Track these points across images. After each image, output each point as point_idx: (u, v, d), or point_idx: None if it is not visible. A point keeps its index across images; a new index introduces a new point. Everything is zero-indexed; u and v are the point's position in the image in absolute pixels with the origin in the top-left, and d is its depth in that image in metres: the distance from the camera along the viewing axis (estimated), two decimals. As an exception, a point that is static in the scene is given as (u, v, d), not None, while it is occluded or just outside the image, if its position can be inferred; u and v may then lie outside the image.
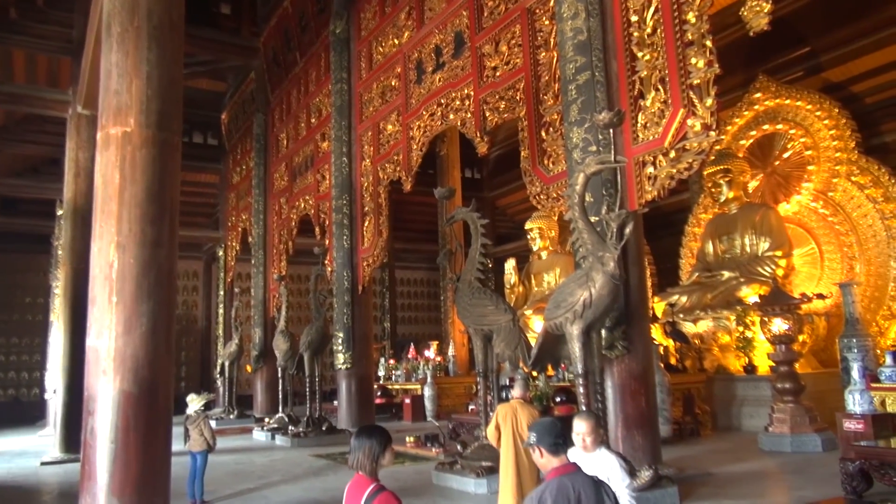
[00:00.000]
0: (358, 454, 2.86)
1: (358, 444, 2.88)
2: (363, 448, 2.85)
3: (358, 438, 2.91)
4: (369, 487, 2.77)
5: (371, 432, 2.94)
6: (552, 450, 2.64)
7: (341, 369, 12.77)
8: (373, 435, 2.90)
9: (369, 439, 2.88)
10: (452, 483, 7.42)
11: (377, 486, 2.79)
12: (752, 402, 10.96)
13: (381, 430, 2.96)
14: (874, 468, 5.64)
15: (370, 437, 2.89)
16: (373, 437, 2.89)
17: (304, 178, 15.80)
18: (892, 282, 11.82)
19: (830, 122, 12.86)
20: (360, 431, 2.99)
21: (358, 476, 2.87)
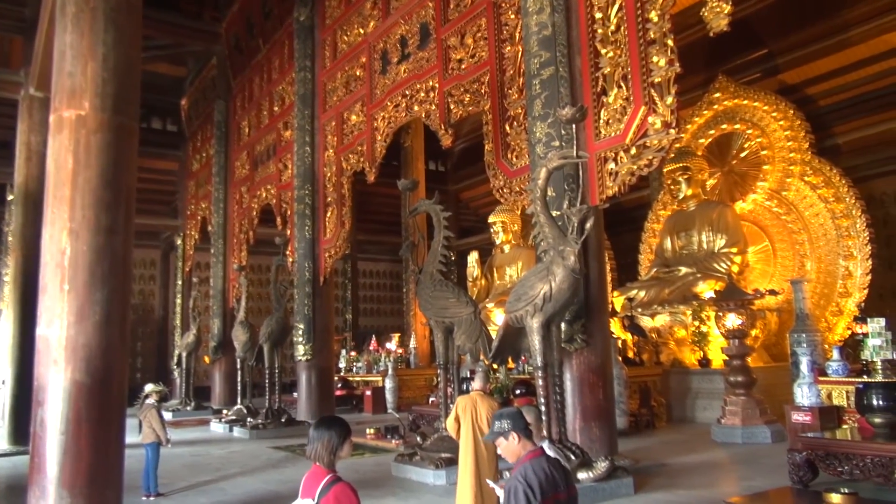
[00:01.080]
0: (316, 445, 2.84)
1: (317, 436, 2.86)
2: (322, 439, 2.84)
3: (317, 429, 2.89)
4: (325, 478, 2.76)
5: (330, 424, 2.92)
6: (526, 434, 2.80)
7: (301, 361, 12.68)
8: (332, 427, 2.89)
9: (328, 431, 2.86)
10: (411, 474, 7.43)
11: (333, 476, 2.78)
12: (705, 394, 11.23)
13: (340, 422, 2.94)
14: (820, 459, 5.84)
15: (329, 428, 2.88)
16: (332, 429, 2.87)
17: (266, 166, 15.59)
18: (840, 279, 12.22)
19: (786, 123, 13.19)
20: (320, 423, 2.97)
21: (315, 467, 2.85)
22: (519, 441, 2.78)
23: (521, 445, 2.78)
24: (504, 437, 2.80)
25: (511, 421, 2.81)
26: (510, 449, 2.80)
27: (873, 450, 5.48)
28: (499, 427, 2.82)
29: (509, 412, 2.89)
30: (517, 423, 2.80)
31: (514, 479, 2.65)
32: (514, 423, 2.80)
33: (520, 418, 2.83)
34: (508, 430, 2.79)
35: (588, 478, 6.03)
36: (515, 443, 2.78)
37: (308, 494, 2.78)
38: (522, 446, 2.78)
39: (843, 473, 5.64)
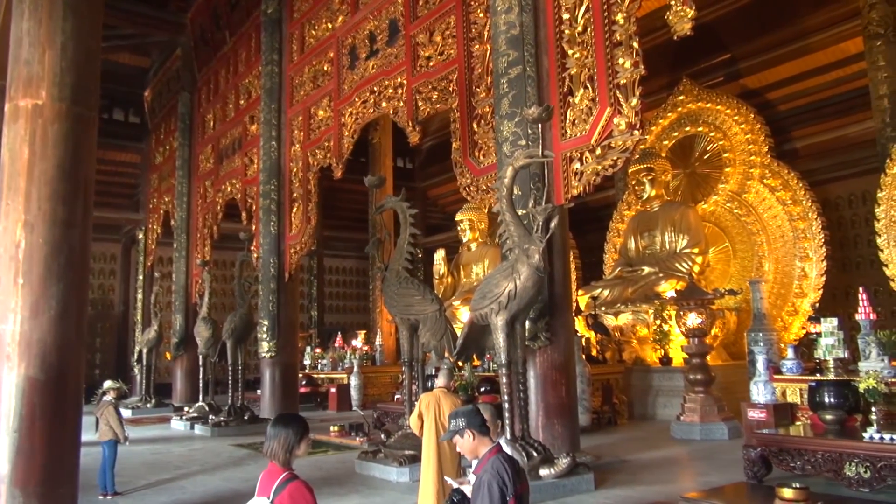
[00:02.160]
0: (273, 443, 2.82)
1: (274, 433, 2.84)
2: (279, 437, 2.82)
3: (274, 427, 2.87)
4: (281, 476, 2.74)
5: (288, 422, 2.90)
6: (482, 431, 2.86)
7: (265, 357, 12.55)
8: (289, 424, 2.87)
9: (285, 429, 2.84)
10: (375, 472, 7.43)
11: (289, 474, 2.76)
12: (666, 392, 11.44)
13: (298, 420, 2.92)
14: (773, 454, 6.00)
15: (286, 426, 2.86)
16: (289, 427, 2.85)
17: (232, 161, 15.38)
18: (796, 280, 12.55)
19: (746, 126, 13.50)
20: (277, 420, 2.95)
21: (272, 465, 2.83)
22: (474, 438, 2.84)
23: (476, 442, 2.84)
24: (460, 435, 2.86)
25: (466, 419, 2.87)
26: (466, 446, 2.86)
27: (824, 446, 5.65)
28: (454, 425, 2.88)
29: (465, 410, 2.95)
30: (472, 421, 2.86)
31: (487, 474, 2.71)
32: (469, 420, 2.86)
33: (475, 416, 2.89)
34: (463, 427, 2.85)
35: (550, 474, 6.09)
36: (471, 440, 2.84)
37: (264, 493, 2.76)
38: (479, 443, 2.84)
39: (795, 469, 5.81)
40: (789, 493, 4.86)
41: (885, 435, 5.35)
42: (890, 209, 10.19)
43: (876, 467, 5.25)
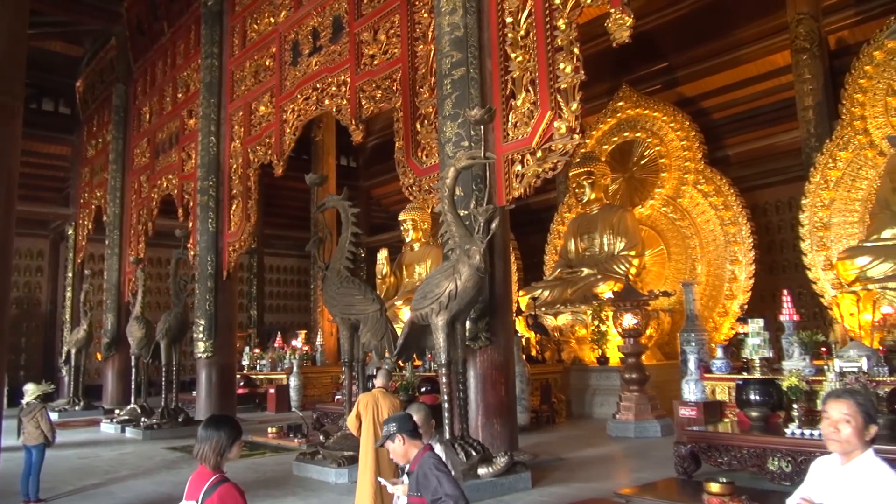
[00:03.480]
0: (204, 445, 2.74)
1: (205, 436, 2.76)
2: (210, 440, 2.74)
3: (206, 429, 2.79)
4: (210, 479, 2.67)
5: (220, 424, 2.82)
6: (413, 435, 2.94)
7: (201, 358, 12.23)
8: (221, 427, 2.79)
9: (217, 431, 2.76)
10: (313, 473, 7.34)
11: (219, 477, 2.69)
12: (603, 391, 11.70)
13: (230, 423, 2.85)
14: (703, 451, 6.21)
15: (218, 428, 2.78)
16: (221, 430, 2.77)
17: (168, 155, 14.93)
18: (726, 282, 13.04)
19: (682, 133, 13.94)
20: (209, 422, 2.86)
21: (201, 468, 2.75)
22: (405, 443, 2.91)
23: (408, 446, 2.91)
24: (391, 440, 2.93)
25: (397, 424, 2.95)
26: (398, 451, 2.93)
27: (749, 441, 5.89)
28: (386, 431, 2.96)
29: (397, 416, 3.04)
30: (403, 426, 2.94)
31: (424, 467, 2.79)
32: (400, 425, 2.94)
33: (406, 421, 2.97)
34: (394, 433, 2.92)
35: (488, 473, 6.15)
36: (402, 445, 2.91)
37: (192, 497, 2.68)
38: (410, 447, 2.91)
39: (722, 464, 6.03)
40: (716, 487, 5.05)
41: (806, 431, 5.61)
42: (813, 215, 10.71)
43: (797, 461, 5.50)
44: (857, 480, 2.23)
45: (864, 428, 2.25)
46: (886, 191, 9.60)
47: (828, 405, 2.35)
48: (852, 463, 2.27)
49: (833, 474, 2.33)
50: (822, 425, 2.35)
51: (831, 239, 10.52)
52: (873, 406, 2.30)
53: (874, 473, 2.21)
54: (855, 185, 10.44)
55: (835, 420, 2.29)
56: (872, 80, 10.28)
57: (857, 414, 2.26)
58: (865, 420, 2.26)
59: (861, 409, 2.26)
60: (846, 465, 2.28)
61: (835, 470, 2.33)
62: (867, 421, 2.26)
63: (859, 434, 2.25)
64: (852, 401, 2.28)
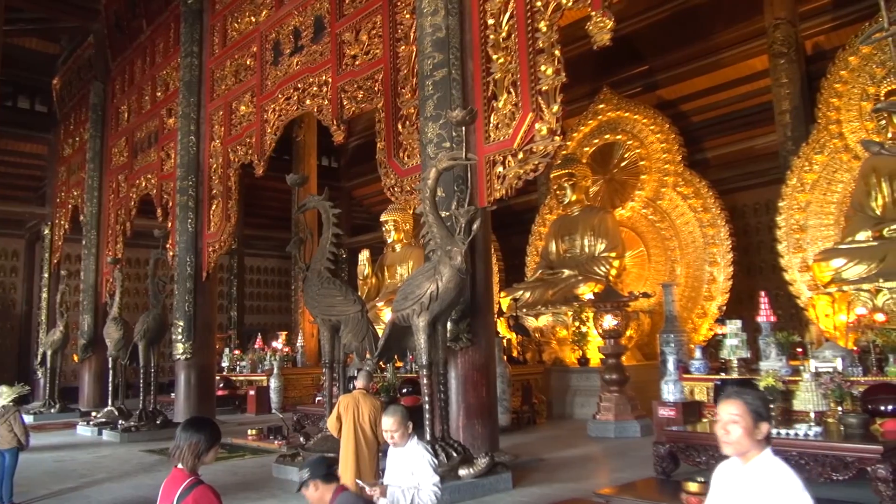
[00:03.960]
0: (182, 447, 2.72)
1: (184, 437, 2.74)
2: (189, 442, 2.72)
3: (185, 431, 2.77)
4: (185, 481, 2.65)
5: (200, 427, 2.80)
6: (326, 479, 2.83)
7: (180, 359, 12.12)
8: (201, 430, 2.77)
9: (197, 434, 2.74)
10: (293, 475, 7.27)
11: (194, 479, 2.67)
12: (583, 392, 11.76)
13: (210, 426, 2.83)
14: (681, 451, 6.27)
15: (199, 431, 2.76)
16: (201, 433, 2.75)
17: (147, 154, 14.77)
18: (705, 283, 13.17)
19: (662, 136, 14.06)
20: (189, 424, 2.84)
21: (175, 471, 2.73)
22: (318, 489, 2.81)
23: (322, 491, 2.81)
24: (305, 488, 2.83)
25: (310, 470, 2.84)
26: (313, 497, 2.82)
27: (727, 441, 5.94)
28: (300, 478, 2.85)
29: (308, 462, 2.93)
30: (315, 472, 2.83)
31: None
32: (313, 472, 2.83)
33: (318, 466, 2.87)
34: (307, 479, 2.81)
35: (469, 474, 6.15)
36: (316, 491, 2.81)
37: (166, 500, 2.65)
38: (325, 491, 2.81)
39: (700, 464, 6.08)
40: (694, 486, 5.10)
41: (782, 430, 5.68)
42: (789, 218, 10.86)
43: (773, 461, 5.56)
44: (756, 481, 2.22)
45: (755, 427, 2.23)
46: (861, 194, 9.76)
47: (718, 406, 2.34)
48: (750, 464, 2.26)
49: (734, 477, 2.32)
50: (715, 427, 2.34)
51: (807, 241, 10.67)
52: (765, 405, 2.28)
53: (771, 473, 2.21)
54: (830, 188, 10.60)
55: (724, 422, 2.27)
56: (847, 84, 10.45)
57: (746, 414, 2.23)
58: (755, 419, 2.23)
59: (750, 408, 2.24)
60: (745, 465, 2.27)
61: (736, 472, 2.32)
62: (756, 420, 2.23)
63: (749, 434, 2.22)
64: (741, 401, 2.25)
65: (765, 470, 2.23)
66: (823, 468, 5.29)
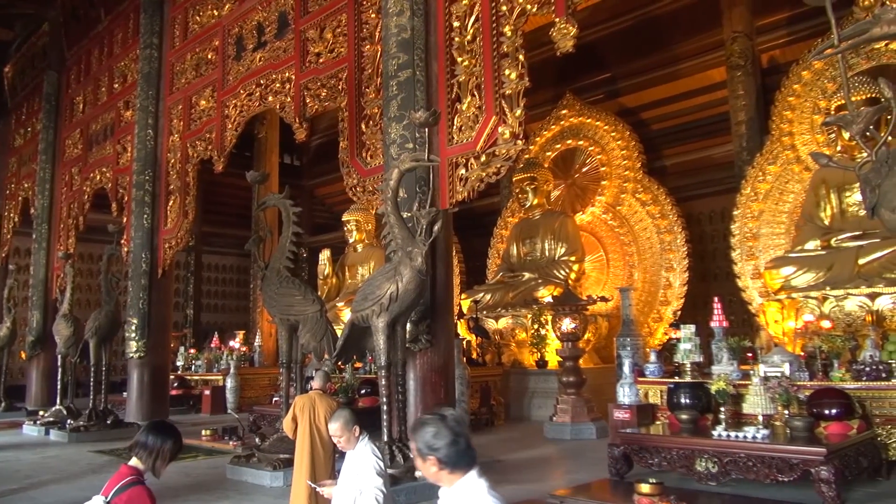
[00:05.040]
0: (150, 446, 2.65)
1: (151, 441, 2.66)
2: (155, 447, 2.65)
3: (153, 434, 2.70)
4: (126, 478, 2.59)
5: (168, 435, 2.74)
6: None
7: (133, 358, 11.83)
8: (168, 438, 2.71)
9: (164, 441, 2.68)
10: (247, 477, 7.19)
11: (134, 478, 2.61)
12: (541, 394, 11.87)
13: (177, 437, 2.77)
14: (635, 452, 6.38)
15: (166, 439, 2.69)
16: (167, 441, 2.69)
17: (102, 147, 14.40)
18: (661, 289, 13.42)
19: (622, 142, 14.29)
20: (158, 428, 2.76)
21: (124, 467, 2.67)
22: None
23: None
24: None
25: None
26: None
27: (678, 443, 6.08)
28: None
29: None
30: None
31: None
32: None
33: None
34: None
35: (423, 475, 6.14)
36: None
37: (106, 492, 2.61)
38: None
39: (653, 465, 6.20)
40: (646, 488, 5.20)
41: (731, 433, 5.84)
42: (743, 226, 11.13)
43: (722, 462, 5.71)
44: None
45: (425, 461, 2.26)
46: (811, 205, 10.07)
47: None
48: (454, 487, 2.29)
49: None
50: None
51: (760, 249, 10.95)
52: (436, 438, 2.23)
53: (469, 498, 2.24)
54: (782, 198, 10.90)
55: (414, 453, 2.33)
56: (800, 98, 10.76)
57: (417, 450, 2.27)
58: (423, 456, 2.22)
59: (418, 444, 2.23)
60: (450, 489, 2.29)
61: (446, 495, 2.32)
62: (426, 456, 2.22)
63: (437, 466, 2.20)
64: (413, 435, 2.28)
65: (465, 495, 2.26)
66: (770, 470, 5.45)
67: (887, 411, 6.43)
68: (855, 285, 8.50)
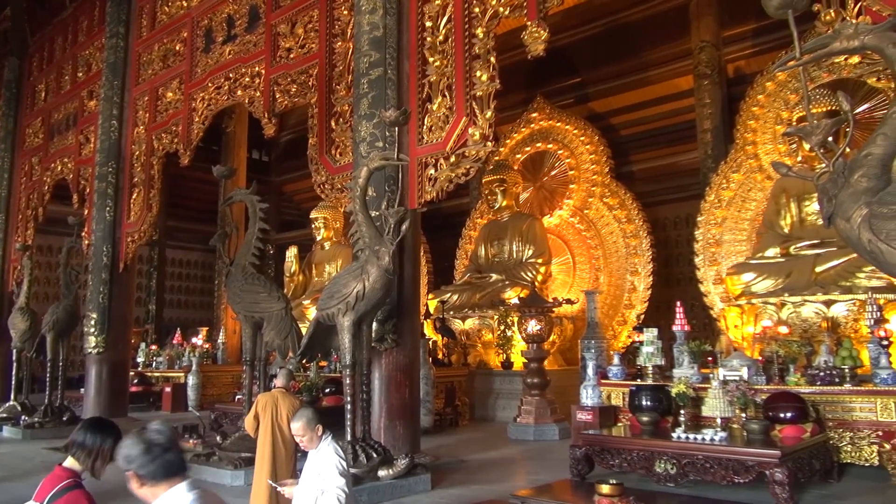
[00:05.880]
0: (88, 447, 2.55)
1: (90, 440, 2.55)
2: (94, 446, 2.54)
3: (91, 432, 2.57)
4: (63, 482, 2.48)
5: (108, 433, 2.61)
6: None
7: (92, 353, 11.56)
8: (108, 437, 2.59)
9: (104, 440, 2.56)
10: (207, 476, 7.09)
11: (72, 481, 2.49)
12: (506, 395, 11.92)
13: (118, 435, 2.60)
14: (596, 454, 6.45)
15: (106, 437, 2.58)
16: (107, 440, 2.57)
17: (65, 137, 14.05)
18: (626, 292, 13.60)
19: (591, 147, 14.43)
20: (97, 426, 2.63)
21: (58, 469, 2.55)
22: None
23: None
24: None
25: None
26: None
27: (639, 445, 6.17)
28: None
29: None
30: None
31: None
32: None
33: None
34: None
35: (388, 475, 6.14)
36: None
37: (40, 497, 2.48)
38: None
39: (614, 466, 6.28)
40: (606, 489, 5.26)
41: (690, 435, 5.94)
42: (706, 232, 11.34)
43: (681, 464, 5.81)
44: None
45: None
46: (771, 212, 10.30)
47: None
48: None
49: None
50: None
51: (722, 255, 11.17)
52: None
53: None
54: (745, 205, 11.13)
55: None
56: (764, 108, 11.00)
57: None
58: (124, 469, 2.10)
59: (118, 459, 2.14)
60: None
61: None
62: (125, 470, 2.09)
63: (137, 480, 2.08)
64: None
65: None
66: (726, 471, 5.55)
67: (840, 415, 6.61)
68: (812, 292, 8.72)
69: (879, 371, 6.55)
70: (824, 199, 3.79)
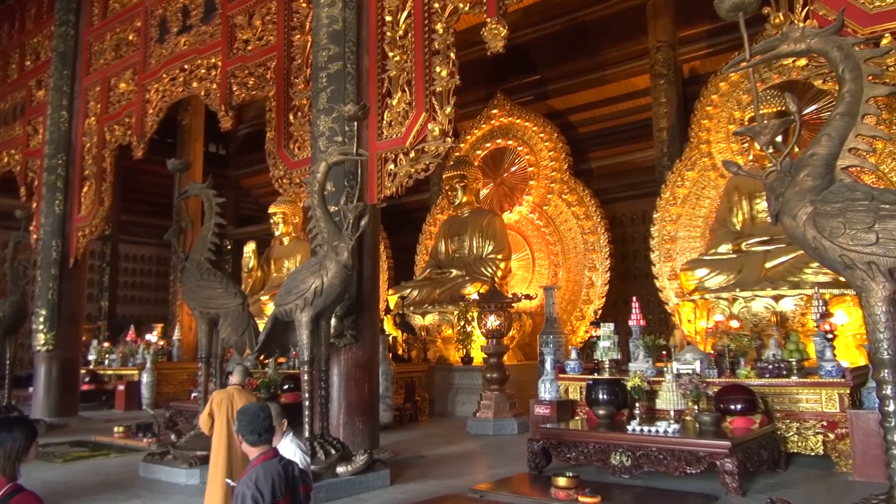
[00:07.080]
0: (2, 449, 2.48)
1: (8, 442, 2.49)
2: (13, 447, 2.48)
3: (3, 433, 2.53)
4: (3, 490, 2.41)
5: (10, 427, 2.57)
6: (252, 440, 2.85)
7: (41, 351, 11.26)
8: (14, 429, 2.55)
9: (10, 434, 2.51)
10: (161, 475, 6.95)
11: (13, 486, 2.43)
12: (466, 390, 11.98)
13: (22, 423, 2.62)
14: (553, 447, 6.53)
15: (10, 431, 2.53)
16: (13, 432, 2.53)
17: (11, 128, 13.60)
18: (584, 288, 13.78)
19: (550, 144, 14.56)
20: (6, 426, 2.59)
21: None
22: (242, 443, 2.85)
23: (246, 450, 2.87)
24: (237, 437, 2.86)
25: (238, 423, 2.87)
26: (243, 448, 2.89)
27: (595, 438, 6.27)
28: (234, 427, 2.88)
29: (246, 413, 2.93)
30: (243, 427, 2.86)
31: (244, 485, 2.68)
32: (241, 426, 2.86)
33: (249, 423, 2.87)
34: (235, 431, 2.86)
35: (346, 471, 6.12)
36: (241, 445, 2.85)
37: None
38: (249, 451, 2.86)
39: (571, 459, 6.38)
40: (563, 481, 5.34)
41: (644, 427, 6.06)
42: (662, 229, 11.56)
43: (636, 456, 5.93)
44: None
45: None
46: (724, 210, 10.56)
47: None
48: None
49: None
50: None
51: (677, 251, 11.40)
52: None
53: None
54: (699, 202, 11.38)
55: None
56: (717, 108, 11.26)
57: None
58: None
59: None
60: None
61: None
62: None
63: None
64: None
65: None
66: (679, 462, 5.70)
67: (787, 406, 6.83)
68: (762, 287, 8.97)
69: (824, 364, 6.78)
70: (772, 196, 3.91)
